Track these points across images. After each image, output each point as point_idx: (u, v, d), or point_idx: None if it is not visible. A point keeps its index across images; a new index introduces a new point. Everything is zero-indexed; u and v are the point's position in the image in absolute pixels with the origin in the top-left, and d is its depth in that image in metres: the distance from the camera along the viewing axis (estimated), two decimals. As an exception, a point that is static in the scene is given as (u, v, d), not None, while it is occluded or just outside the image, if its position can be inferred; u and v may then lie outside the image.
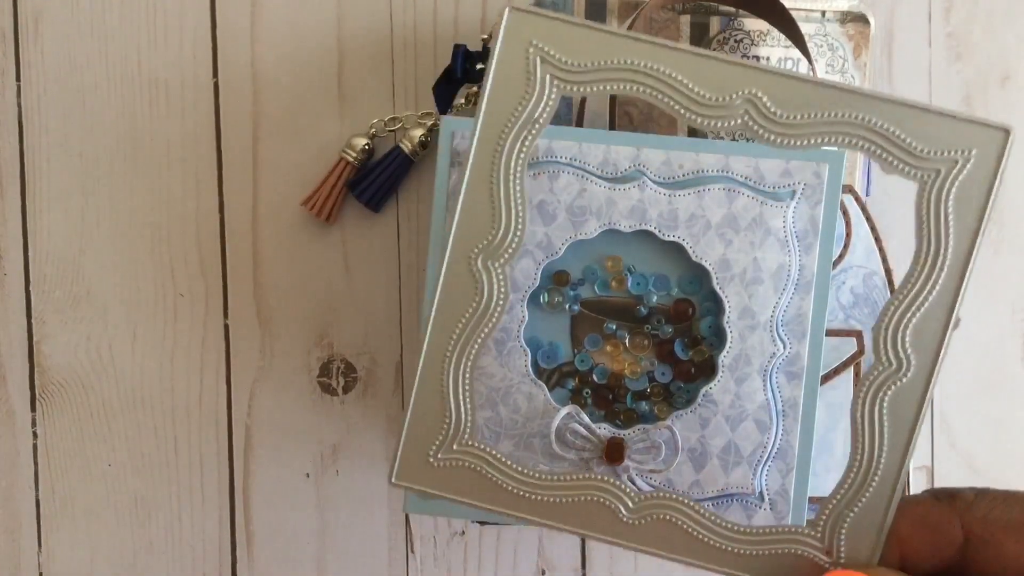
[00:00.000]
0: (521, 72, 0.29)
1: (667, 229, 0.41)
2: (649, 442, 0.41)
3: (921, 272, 0.30)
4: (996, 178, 0.29)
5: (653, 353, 0.43)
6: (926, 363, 0.30)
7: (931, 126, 0.29)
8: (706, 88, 0.29)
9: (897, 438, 0.30)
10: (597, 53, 0.29)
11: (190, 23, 0.53)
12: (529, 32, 0.29)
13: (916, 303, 0.30)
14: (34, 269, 0.53)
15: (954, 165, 0.29)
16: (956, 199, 0.29)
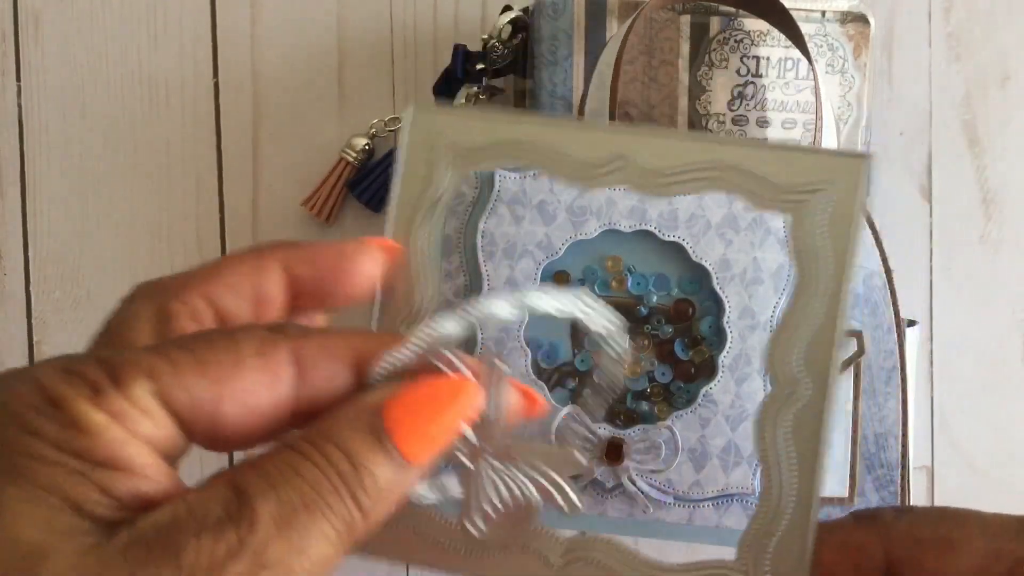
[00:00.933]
0: (425, 159, 0.32)
1: (667, 229, 0.41)
2: (649, 442, 0.41)
3: (802, 296, 0.31)
4: (857, 203, 0.31)
5: (653, 353, 0.43)
6: (821, 384, 0.31)
7: (793, 163, 0.31)
8: (587, 153, 0.32)
9: (805, 462, 0.31)
10: (489, 136, 0.32)
11: (190, 23, 0.53)
12: (431, 125, 0.32)
13: (802, 328, 0.31)
14: (34, 269, 0.53)
15: (816, 196, 0.31)
16: (828, 226, 0.31)
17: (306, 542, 0.23)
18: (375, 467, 0.25)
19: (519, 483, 0.29)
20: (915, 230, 0.54)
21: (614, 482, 0.41)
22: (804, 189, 0.31)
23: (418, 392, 0.26)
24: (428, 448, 0.26)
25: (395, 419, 0.25)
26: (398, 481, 0.25)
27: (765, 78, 0.47)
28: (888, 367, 0.45)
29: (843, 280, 0.31)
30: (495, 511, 0.29)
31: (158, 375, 0.24)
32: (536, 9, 0.47)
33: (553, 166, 0.32)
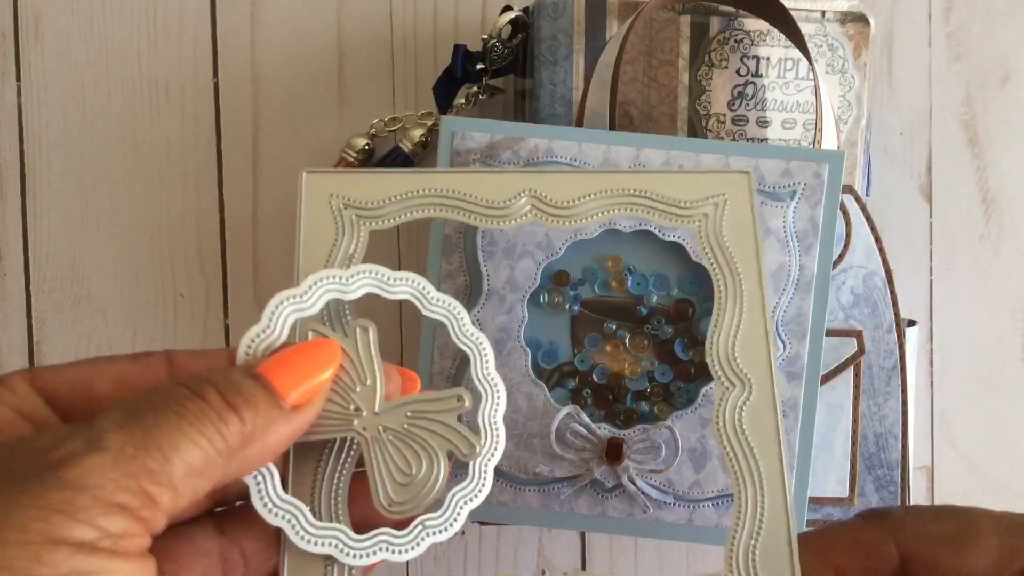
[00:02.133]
0: (328, 220, 0.33)
1: (667, 229, 0.41)
2: (649, 442, 0.41)
3: (725, 300, 0.33)
4: (752, 209, 0.33)
5: (653, 353, 0.43)
6: (764, 377, 0.32)
7: (686, 184, 0.34)
8: (491, 195, 0.33)
9: (769, 456, 0.32)
10: (390, 189, 0.33)
11: (190, 23, 0.53)
12: (327, 187, 0.33)
13: (733, 326, 0.33)
14: (34, 269, 0.53)
15: (716, 208, 0.34)
16: (729, 233, 0.33)
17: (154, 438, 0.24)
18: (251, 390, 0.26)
19: (419, 443, 0.30)
20: (915, 230, 0.54)
21: (614, 482, 0.41)
22: (701, 203, 0.33)
23: (287, 350, 0.29)
24: (299, 387, 0.28)
25: (269, 367, 0.28)
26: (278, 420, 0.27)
27: (765, 78, 0.47)
28: (888, 367, 0.45)
29: (760, 279, 0.33)
30: (401, 476, 0.30)
31: (36, 370, 0.28)
32: (536, 9, 0.47)
33: (465, 212, 0.33)
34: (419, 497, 0.30)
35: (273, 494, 0.29)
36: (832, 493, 0.45)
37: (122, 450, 0.23)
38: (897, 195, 0.54)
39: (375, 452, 0.30)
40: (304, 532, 0.29)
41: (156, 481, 0.23)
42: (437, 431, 0.30)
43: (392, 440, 0.30)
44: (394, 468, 0.30)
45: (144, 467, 0.23)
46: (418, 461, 0.30)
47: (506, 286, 0.41)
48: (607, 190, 0.33)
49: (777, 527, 0.31)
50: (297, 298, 0.30)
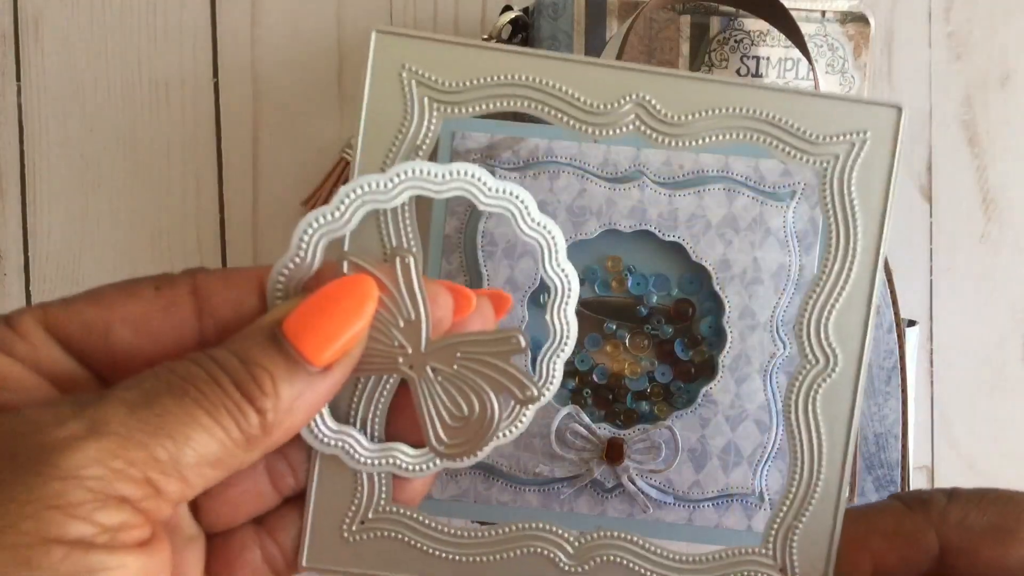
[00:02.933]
0: (397, 98, 0.28)
1: (667, 229, 0.41)
2: (649, 442, 0.41)
3: (834, 261, 0.29)
4: (894, 156, 0.29)
5: (653, 353, 0.43)
6: (853, 356, 0.29)
7: (823, 112, 0.28)
8: (593, 96, 0.28)
9: (835, 438, 0.29)
10: (476, 70, 0.28)
11: (190, 23, 0.53)
12: (400, 55, 0.28)
13: (834, 295, 0.29)
14: (34, 269, 0.53)
15: (851, 148, 0.28)
16: (858, 183, 0.29)
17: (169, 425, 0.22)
18: (273, 367, 0.24)
19: (471, 383, 0.27)
20: (915, 230, 0.54)
21: (614, 482, 0.41)
22: (836, 141, 0.28)
23: (319, 297, 0.25)
24: (329, 347, 0.24)
25: (296, 326, 0.24)
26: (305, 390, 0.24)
27: (765, 78, 0.47)
28: (888, 367, 0.45)
29: (879, 243, 0.28)
30: (453, 419, 0.27)
31: (49, 309, 0.25)
32: (536, 9, 0.47)
33: (555, 111, 0.28)
34: (475, 438, 0.27)
35: (323, 426, 0.28)
36: (832, 493, 0.45)
37: (129, 436, 0.21)
38: (897, 195, 0.54)
39: (424, 392, 0.27)
40: (360, 455, 0.28)
41: (163, 471, 0.22)
42: (490, 373, 0.27)
43: (442, 381, 0.27)
44: (444, 410, 0.27)
45: (152, 456, 0.22)
46: (470, 403, 0.27)
47: (506, 286, 0.41)
48: (729, 108, 0.28)
49: (824, 514, 0.29)
50: (328, 217, 0.27)
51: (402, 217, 0.28)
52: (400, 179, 0.27)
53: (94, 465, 0.21)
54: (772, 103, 0.28)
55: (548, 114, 0.28)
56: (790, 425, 0.29)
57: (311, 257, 0.27)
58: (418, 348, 0.27)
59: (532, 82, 0.28)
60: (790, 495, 0.29)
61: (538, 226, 0.28)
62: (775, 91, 0.29)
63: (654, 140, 0.28)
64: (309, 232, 0.27)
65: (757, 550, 0.29)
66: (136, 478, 0.21)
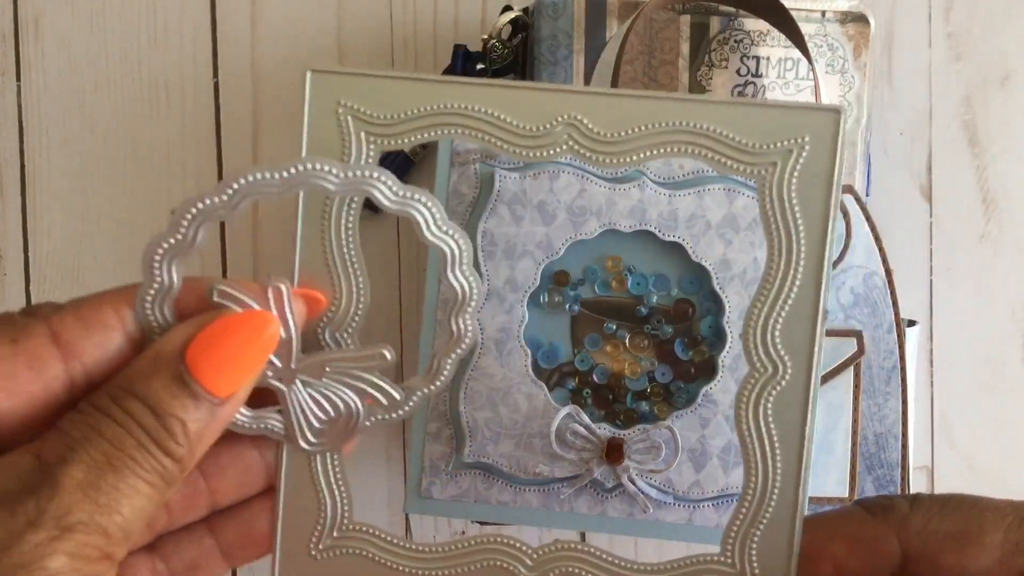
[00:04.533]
0: (335, 133, 0.29)
1: (667, 229, 0.41)
2: (649, 442, 0.41)
3: (778, 269, 0.29)
4: (836, 159, 0.28)
5: (653, 353, 0.43)
6: (802, 362, 0.29)
7: (759, 120, 0.28)
8: (524, 119, 0.28)
9: (789, 447, 0.29)
10: (408, 102, 0.29)
11: (190, 23, 0.53)
12: (336, 92, 0.29)
13: (779, 302, 0.29)
14: (34, 269, 0.53)
15: (790, 155, 0.28)
16: (799, 188, 0.28)
17: (116, 501, 0.24)
18: (182, 412, 0.25)
19: (336, 392, 0.29)
20: (915, 230, 0.54)
21: (614, 482, 0.41)
22: (774, 150, 0.28)
23: (218, 328, 0.26)
24: (237, 381, 0.26)
25: (198, 358, 0.25)
26: (210, 420, 0.25)
27: (765, 78, 0.47)
28: (888, 367, 0.45)
29: (824, 248, 0.28)
30: (321, 423, 0.29)
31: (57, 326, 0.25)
32: (536, 9, 0.47)
33: (488, 136, 0.29)
34: (338, 437, 0.29)
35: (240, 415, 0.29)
36: (832, 493, 0.45)
37: (90, 523, 0.23)
38: (897, 195, 0.54)
39: (292, 401, 0.29)
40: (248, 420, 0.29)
41: (117, 543, 0.24)
42: (356, 383, 0.29)
43: (310, 391, 0.29)
44: (312, 414, 0.29)
45: (108, 536, 0.24)
46: (336, 406, 0.29)
47: (506, 286, 0.41)
48: (662, 122, 0.28)
49: (782, 521, 0.29)
50: (172, 241, 0.27)
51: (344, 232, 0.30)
52: (235, 189, 0.27)
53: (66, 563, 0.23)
54: (705, 115, 0.28)
55: (482, 139, 0.28)
56: (741, 433, 0.29)
57: (168, 280, 0.27)
58: (288, 364, 0.28)
59: (463, 109, 0.28)
60: (746, 502, 0.29)
61: (444, 233, 0.28)
62: (708, 103, 0.28)
63: (589, 159, 0.28)
64: (158, 259, 0.27)
65: (716, 557, 0.29)
66: (97, 557, 0.23)
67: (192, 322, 0.26)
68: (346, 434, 0.29)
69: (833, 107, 0.28)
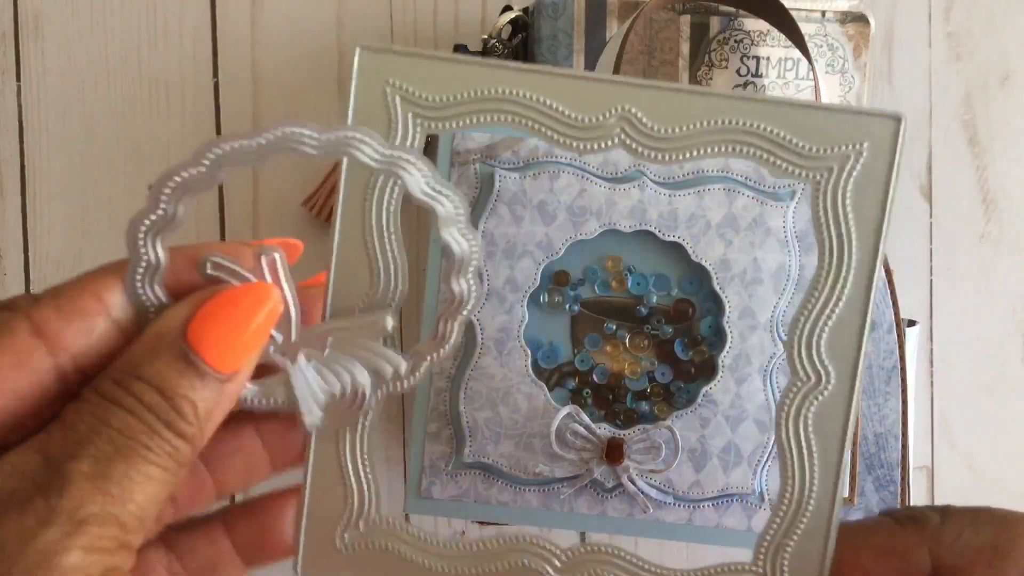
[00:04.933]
0: (382, 114, 0.28)
1: (667, 229, 0.41)
2: (649, 442, 0.41)
3: (828, 277, 0.28)
4: (893, 168, 0.27)
5: (653, 353, 0.43)
6: (846, 373, 0.28)
7: (818, 123, 0.27)
8: (578, 110, 0.28)
9: (827, 457, 0.28)
10: (460, 85, 0.28)
11: (190, 23, 0.53)
12: (385, 71, 0.28)
13: (827, 310, 0.28)
14: (34, 269, 0.53)
15: (846, 160, 0.27)
16: (853, 196, 0.27)
17: (129, 489, 0.23)
18: (191, 391, 0.25)
19: (341, 365, 0.28)
20: (915, 230, 0.54)
21: (614, 482, 0.41)
22: (831, 155, 0.27)
23: (217, 303, 0.26)
24: (241, 356, 0.25)
25: (200, 335, 0.25)
26: (218, 398, 0.25)
27: (765, 78, 0.47)
28: (888, 367, 0.45)
29: (875, 258, 0.27)
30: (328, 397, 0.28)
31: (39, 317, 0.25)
32: (536, 9, 0.47)
33: (541, 125, 0.28)
34: (347, 412, 0.28)
35: None
36: (832, 493, 0.45)
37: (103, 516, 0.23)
38: (897, 195, 0.54)
39: (297, 377, 0.28)
40: None
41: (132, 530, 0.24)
42: (360, 354, 0.28)
43: (315, 365, 0.28)
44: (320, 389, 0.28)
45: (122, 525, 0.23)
46: (344, 381, 0.28)
47: (506, 286, 0.41)
48: (719, 120, 0.27)
49: (816, 532, 0.29)
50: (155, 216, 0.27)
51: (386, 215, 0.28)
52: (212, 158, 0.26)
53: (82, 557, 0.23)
54: (764, 115, 0.27)
55: (533, 128, 0.28)
56: (780, 443, 0.28)
57: (155, 257, 0.27)
58: (288, 338, 0.28)
59: (516, 96, 0.28)
60: (781, 512, 0.29)
61: (436, 192, 0.27)
62: (767, 103, 0.28)
63: (641, 154, 0.28)
64: (141, 236, 0.27)
65: (748, 566, 0.29)
66: (114, 548, 0.23)
67: (190, 300, 0.26)
68: (355, 409, 0.29)
69: (894, 114, 0.27)
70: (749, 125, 0.27)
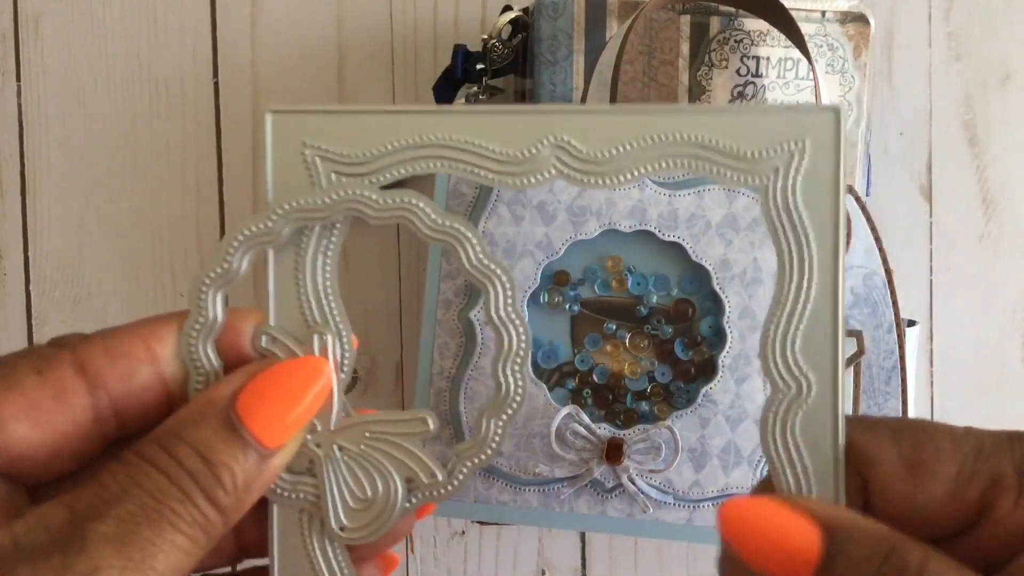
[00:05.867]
0: (303, 176, 0.27)
1: (667, 229, 0.41)
2: (649, 442, 0.41)
3: (791, 281, 0.27)
4: (838, 162, 0.27)
5: (653, 353, 0.43)
6: (827, 377, 0.27)
7: (756, 126, 0.27)
8: (507, 145, 0.27)
9: (822, 461, 0.27)
10: (380, 138, 0.27)
11: (190, 23, 0.53)
12: (298, 132, 0.27)
13: (796, 316, 0.27)
14: (34, 269, 0.53)
15: (791, 160, 0.26)
16: (804, 194, 0.27)
17: (151, 556, 0.23)
18: (232, 461, 0.24)
19: (375, 465, 0.27)
20: (915, 230, 0.54)
21: (614, 482, 0.41)
22: (774, 155, 0.27)
23: (270, 376, 0.25)
24: (287, 431, 0.25)
25: (249, 406, 0.25)
26: (259, 471, 0.25)
27: (765, 78, 0.47)
28: (888, 367, 0.45)
29: (837, 255, 0.27)
30: (355, 501, 0.27)
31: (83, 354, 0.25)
32: (536, 9, 0.47)
33: (471, 166, 0.27)
34: (375, 523, 0.27)
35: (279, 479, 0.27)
36: (832, 493, 0.45)
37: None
38: (897, 195, 0.54)
39: (329, 471, 0.27)
40: None
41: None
42: (397, 455, 0.27)
43: (347, 460, 0.27)
44: (348, 491, 0.27)
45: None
46: (374, 485, 0.27)
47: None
48: (655, 136, 0.27)
49: None
50: (219, 270, 0.26)
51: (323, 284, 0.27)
52: (280, 213, 0.26)
53: None
54: (699, 126, 0.27)
55: (466, 170, 0.27)
56: (770, 455, 0.27)
57: (213, 314, 0.26)
58: (327, 426, 0.27)
59: (443, 140, 0.27)
60: None
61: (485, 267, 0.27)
62: (699, 113, 0.27)
63: (580, 181, 0.27)
64: (204, 290, 0.26)
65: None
66: None
67: (244, 370, 0.26)
68: (383, 519, 0.27)
69: (831, 106, 0.27)
70: (686, 137, 0.27)
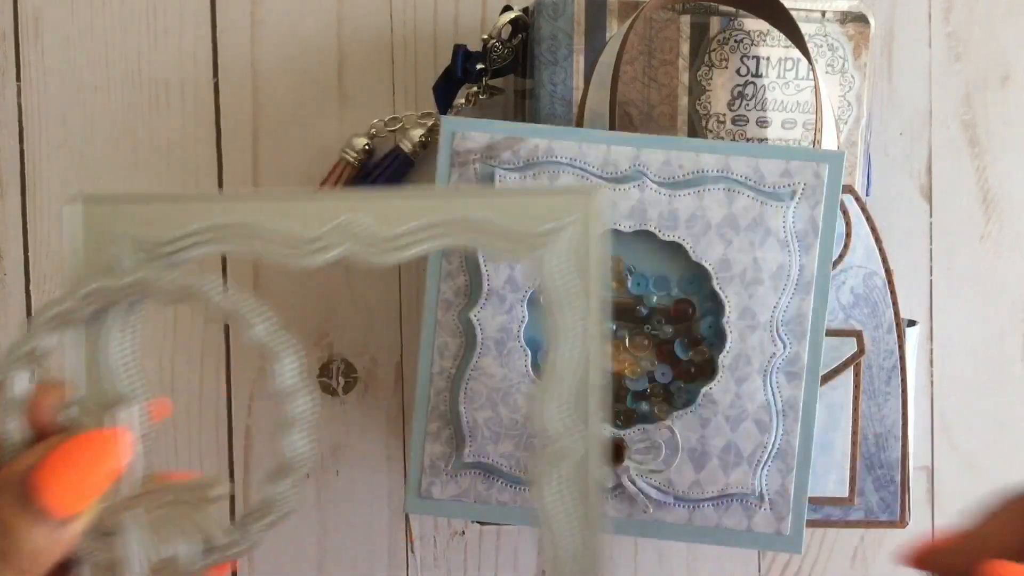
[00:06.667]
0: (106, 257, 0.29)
1: (667, 229, 0.41)
2: (649, 442, 0.41)
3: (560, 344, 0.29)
4: (593, 238, 0.29)
5: (653, 353, 0.43)
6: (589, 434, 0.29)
7: (525, 208, 0.29)
8: (304, 227, 0.29)
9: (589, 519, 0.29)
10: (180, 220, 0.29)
11: (190, 23, 0.53)
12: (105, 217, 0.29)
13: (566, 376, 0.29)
14: (34, 269, 0.53)
15: (556, 235, 0.29)
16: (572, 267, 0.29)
17: None
18: (24, 530, 0.26)
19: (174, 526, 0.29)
20: (915, 230, 0.54)
21: (614, 482, 0.41)
22: (542, 232, 0.29)
23: (66, 449, 0.27)
24: (80, 502, 0.27)
25: (44, 478, 0.26)
26: (53, 540, 0.26)
27: (765, 78, 0.47)
28: (888, 367, 0.45)
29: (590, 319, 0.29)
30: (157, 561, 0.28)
31: None
32: (536, 9, 0.47)
33: (265, 244, 0.29)
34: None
35: None
36: (832, 493, 0.45)
37: None
38: (897, 195, 0.54)
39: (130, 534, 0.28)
40: None
41: None
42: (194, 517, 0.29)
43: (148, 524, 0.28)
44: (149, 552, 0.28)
45: None
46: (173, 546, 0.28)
47: (506, 286, 0.41)
48: (436, 222, 0.29)
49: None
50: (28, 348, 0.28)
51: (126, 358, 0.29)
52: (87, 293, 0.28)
53: None
54: (476, 207, 0.29)
55: (258, 250, 0.29)
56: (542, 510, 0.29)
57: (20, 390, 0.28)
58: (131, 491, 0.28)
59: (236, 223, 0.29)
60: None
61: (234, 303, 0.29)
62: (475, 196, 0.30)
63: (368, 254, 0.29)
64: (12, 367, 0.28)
65: None
66: None
67: (45, 443, 0.28)
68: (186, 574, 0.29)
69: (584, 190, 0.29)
70: (463, 218, 0.29)
